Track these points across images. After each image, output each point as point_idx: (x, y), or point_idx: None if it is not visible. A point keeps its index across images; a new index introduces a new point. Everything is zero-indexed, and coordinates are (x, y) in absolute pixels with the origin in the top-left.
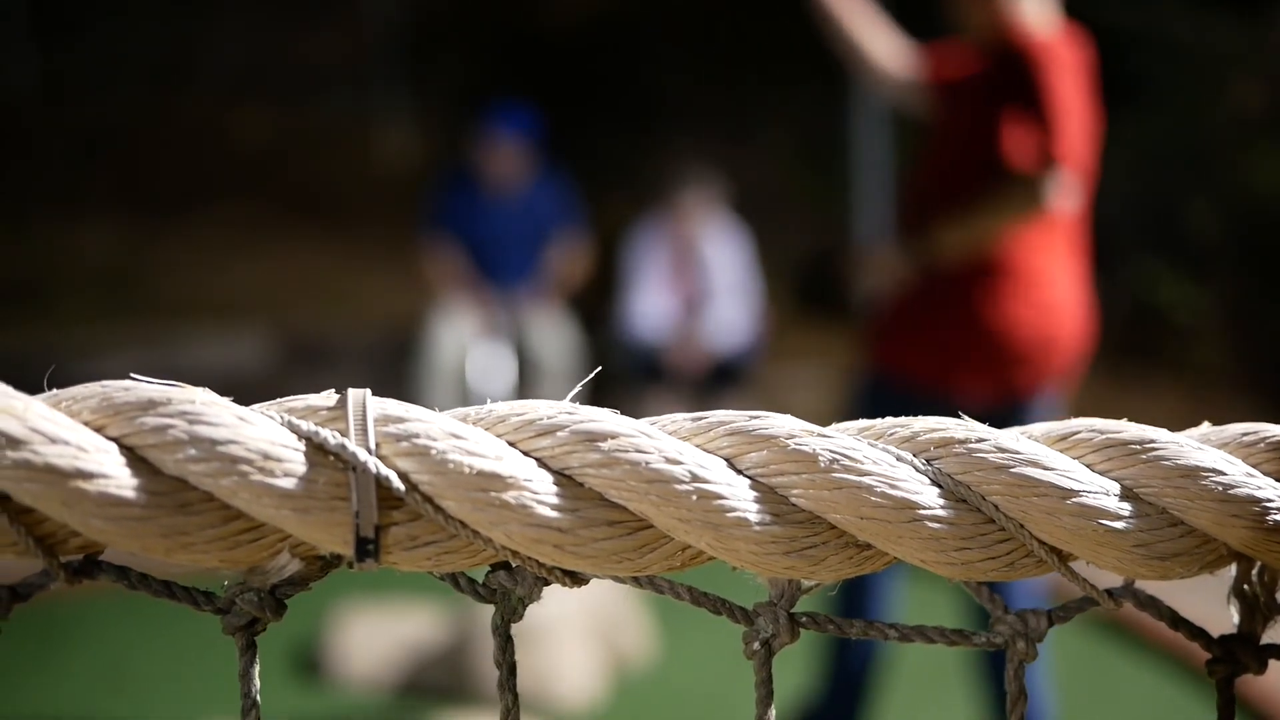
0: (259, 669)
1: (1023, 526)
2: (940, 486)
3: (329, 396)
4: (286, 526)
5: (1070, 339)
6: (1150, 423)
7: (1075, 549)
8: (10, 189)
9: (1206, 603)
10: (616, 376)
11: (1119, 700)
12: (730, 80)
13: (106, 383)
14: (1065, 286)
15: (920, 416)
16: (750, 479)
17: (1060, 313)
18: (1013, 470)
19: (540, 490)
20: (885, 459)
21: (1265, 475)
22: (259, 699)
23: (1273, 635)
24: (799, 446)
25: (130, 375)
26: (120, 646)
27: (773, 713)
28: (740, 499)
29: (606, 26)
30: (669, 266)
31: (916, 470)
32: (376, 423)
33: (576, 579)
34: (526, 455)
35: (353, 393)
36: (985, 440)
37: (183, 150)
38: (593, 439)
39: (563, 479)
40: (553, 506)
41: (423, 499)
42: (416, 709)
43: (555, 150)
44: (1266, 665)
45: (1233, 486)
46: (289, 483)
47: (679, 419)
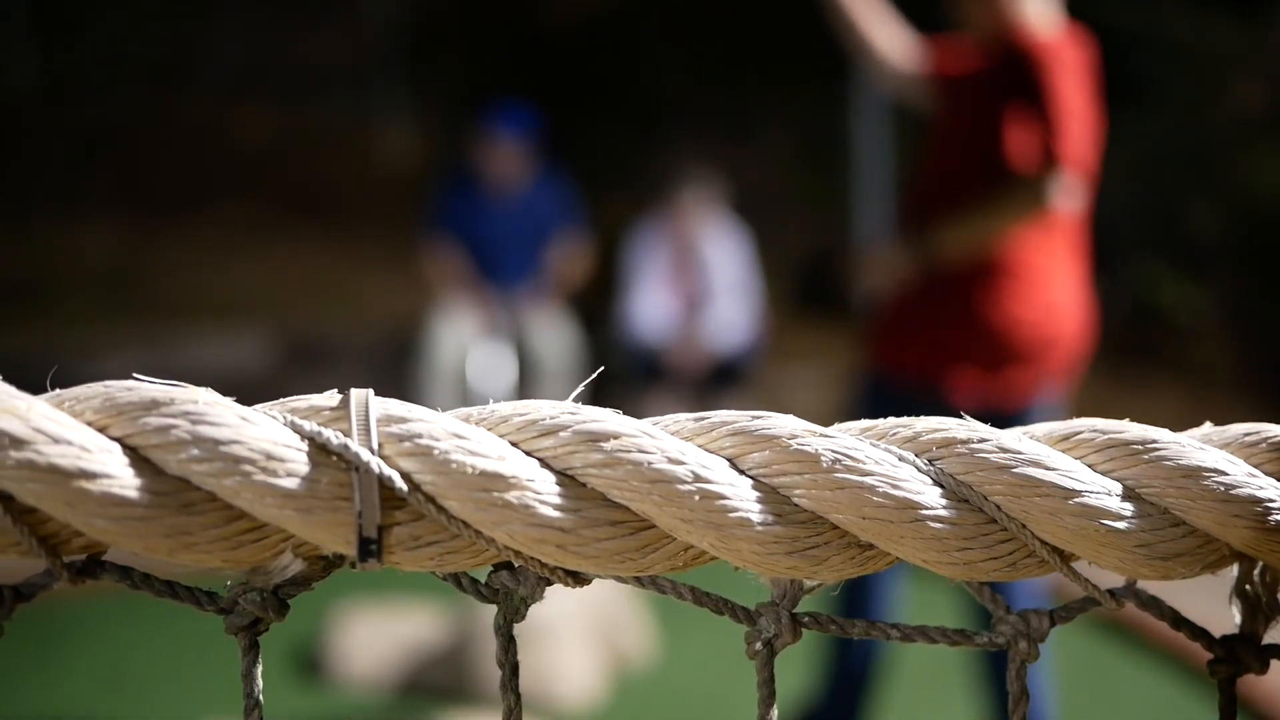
0: (261, 669)
1: (1025, 527)
2: (942, 487)
3: (331, 396)
4: (289, 527)
5: (1071, 339)
6: (1151, 423)
7: (1077, 549)
8: (10, 189)
9: (1208, 603)
10: (617, 376)
11: (1120, 700)
12: (730, 80)
13: (109, 383)
14: (1066, 287)
15: (922, 417)
16: (752, 479)
17: (1061, 313)
18: (1015, 470)
19: (543, 490)
20: (887, 459)
21: (1267, 475)
22: (262, 699)
23: (1274, 635)
24: (801, 447)
25: (133, 375)
26: (121, 646)
27: (775, 713)
28: (742, 499)
29: (607, 26)
30: (669, 266)
31: (918, 470)
32: (379, 423)
33: (579, 579)
34: (529, 455)
35: (355, 393)
36: (987, 440)
37: (183, 150)
38: (595, 439)
39: (565, 479)
40: (555, 507)
41: (425, 499)
42: (417, 709)
43: (555, 150)
44: (1268, 665)
45: (1235, 487)
46: (292, 483)
47: (681, 419)
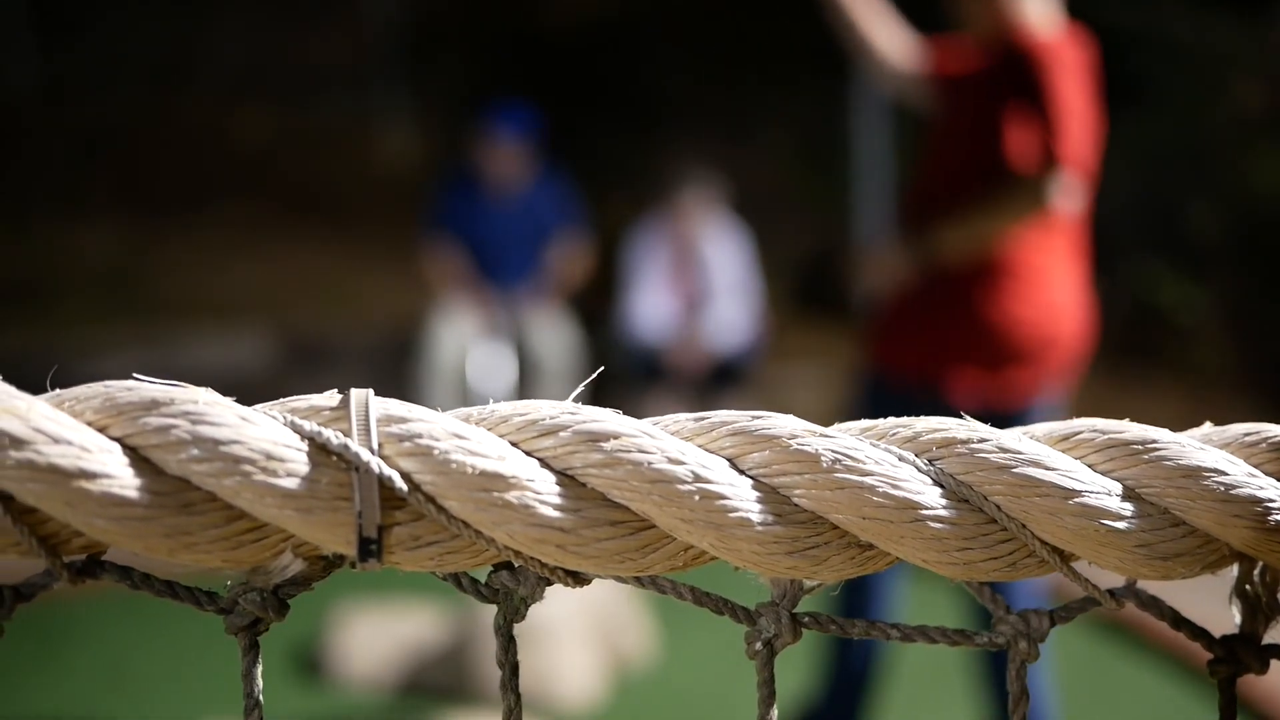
0: (261, 669)
1: (1025, 527)
2: (942, 487)
3: (331, 397)
4: (289, 527)
5: (1070, 339)
6: (1151, 423)
7: (1077, 549)
8: (10, 189)
9: (1208, 603)
10: (617, 376)
11: (1120, 700)
12: (730, 80)
13: (109, 383)
14: (1066, 287)
15: (922, 417)
16: (752, 479)
17: (1060, 313)
18: (1015, 470)
19: (543, 490)
20: (887, 459)
21: (1267, 475)
22: (262, 699)
23: (1275, 635)
24: (801, 447)
25: (133, 375)
26: (121, 646)
27: (775, 713)
28: (742, 499)
29: (607, 27)
30: (669, 266)
31: (918, 470)
32: (379, 423)
33: (579, 579)
34: (529, 455)
35: (355, 393)
36: (987, 440)
37: (183, 150)
38: (595, 439)
39: (565, 479)
40: (555, 507)
41: (425, 499)
42: (417, 709)
43: (555, 150)
44: (1268, 665)
45: (1235, 487)
46: (292, 483)
47: (681, 419)
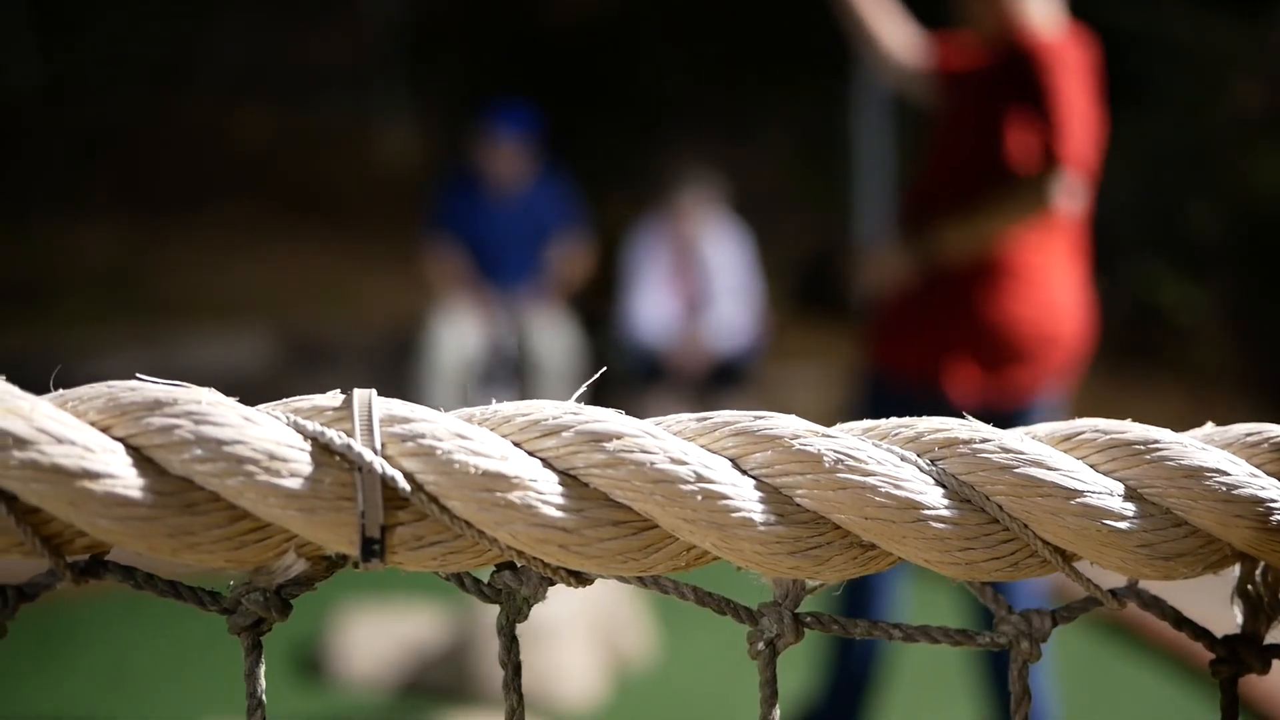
0: (264, 669)
1: (1027, 527)
2: (944, 487)
3: (334, 397)
4: (292, 526)
5: (1070, 339)
6: (1151, 423)
7: (1079, 549)
8: (10, 189)
9: (1210, 603)
10: (617, 377)
11: (1122, 701)
12: (730, 80)
13: (112, 383)
14: (1066, 286)
15: (924, 417)
16: (755, 479)
17: (1061, 312)
18: (1017, 470)
19: (545, 490)
20: (889, 459)
21: (1269, 476)
22: (264, 699)
23: (1276, 635)
24: (804, 447)
25: (135, 376)
26: (122, 646)
27: (777, 713)
28: (745, 499)
29: (607, 27)
30: (669, 267)
31: (920, 471)
32: (382, 423)
33: (582, 579)
34: (531, 455)
35: (358, 393)
36: (989, 441)
37: (183, 150)
38: (598, 439)
39: (568, 479)
40: (558, 506)
41: (428, 499)
42: (418, 709)
43: (556, 150)
44: (1270, 666)
45: (1236, 487)
46: (295, 483)
47: (684, 419)
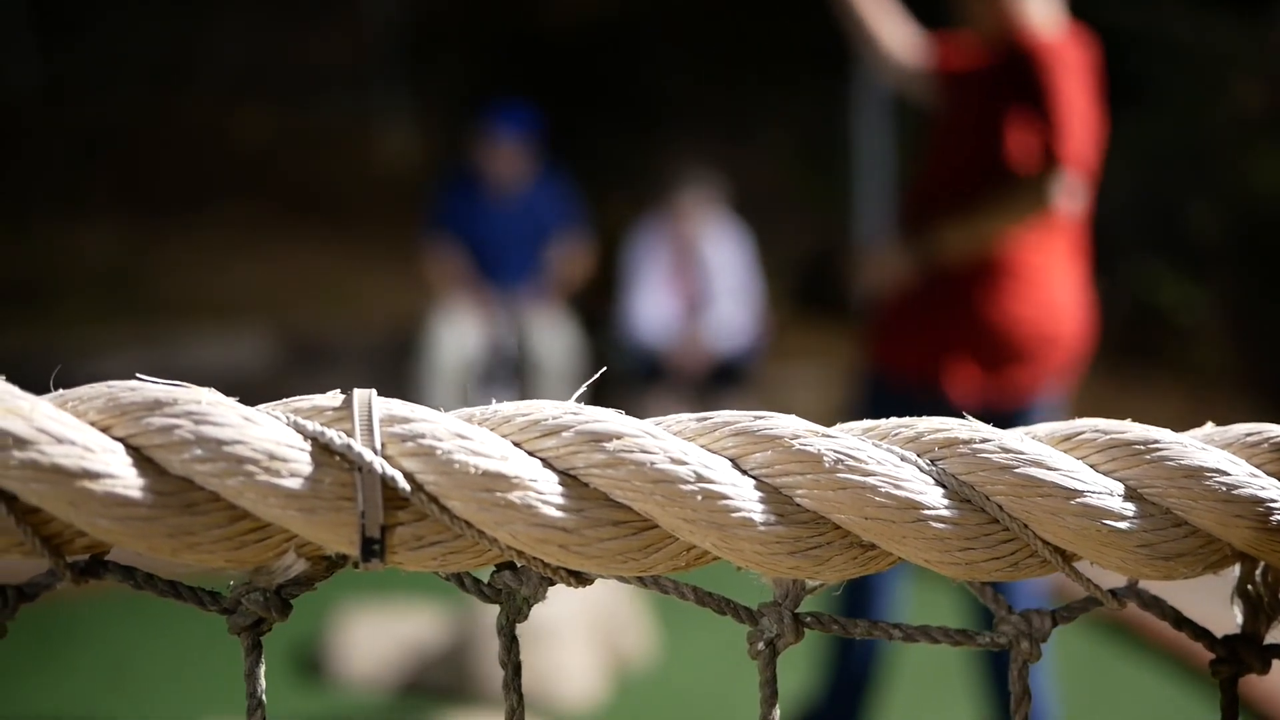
0: (264, 669)
1: (1027, 527)
2: (944, 487)
3: (334, 397)
4: (292, 526)
5: (1070, 339)
6: (1151, 423)
7: (1079, 549)
8: (10, 189)
9: (1210, 603)
10: (617, 377)
11: (1122, 701)
12: (730, 80)
13: (112, 383)
14: (1066, 286)
15: (924, 417)
16: (755, 479)
17: (1060, 312)
18: (1017, 470)
19: (545, 490)
20: (889, 459)
21: (1269, 476)
22: (264, 699)
23: (1276, 635)
24: (804, 447)
25: (135, 375)
26: (122, 646)
27: (777, 713)
28: (745, 499)
29: (607, 27)
30: (669, 267)
31: (920, 471)
32: (382, 423)
33: (582, 579)
34: (531, 455)
35: (358, 393)
36: (989, 441)
37: (183, 150)
38: (598, 439)
39: (568, 479)
40: (558, 506)
41: (428, 499)
42: (418, 709)
43: (556, 150)
44: (1270, 666)
45: (1236, 487)
46: (295, 483)
47: (684, 419)
